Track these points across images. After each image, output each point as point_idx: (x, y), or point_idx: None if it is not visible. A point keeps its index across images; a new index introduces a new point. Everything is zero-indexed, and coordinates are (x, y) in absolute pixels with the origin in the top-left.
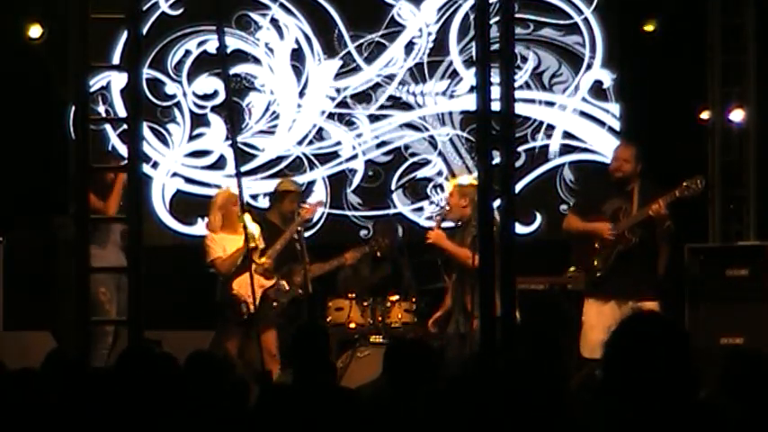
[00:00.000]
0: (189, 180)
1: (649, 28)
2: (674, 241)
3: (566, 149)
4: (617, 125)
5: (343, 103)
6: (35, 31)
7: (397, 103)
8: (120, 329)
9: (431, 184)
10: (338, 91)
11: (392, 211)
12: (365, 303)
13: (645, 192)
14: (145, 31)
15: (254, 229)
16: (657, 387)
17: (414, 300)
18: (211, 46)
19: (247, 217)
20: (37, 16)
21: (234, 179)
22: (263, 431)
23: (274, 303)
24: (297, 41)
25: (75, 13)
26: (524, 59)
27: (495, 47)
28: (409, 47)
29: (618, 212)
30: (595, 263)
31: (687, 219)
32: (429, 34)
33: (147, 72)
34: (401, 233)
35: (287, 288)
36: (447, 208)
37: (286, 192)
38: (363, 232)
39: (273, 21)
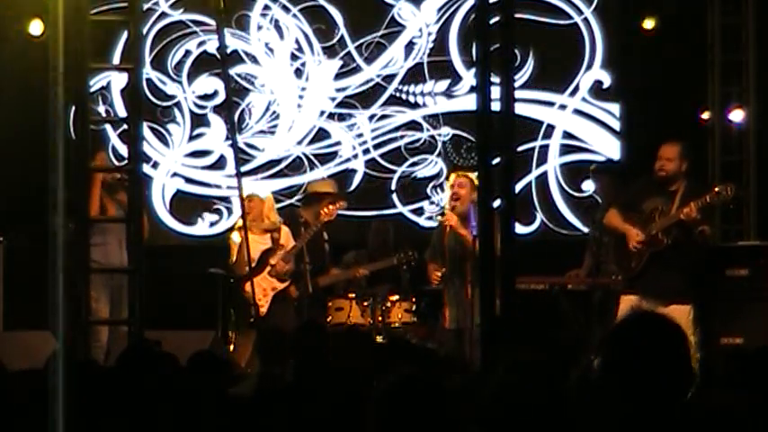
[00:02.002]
0: (189, 180)
1: (649, 28)
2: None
3: (566, 149)
4: (617, 125)
5: (343, 103)
6: (36, 27)
7: (397, 103)
8: (118, 329)
9: (431, 184)
10: (338, 91)
11: (392, 211)
12: (365, 303)
13: (688, 193)
14: (145, 30)
15: (285, 231)
16: (653, 385)
17: (414, 300)
18: (211, 46)
19: (278, 218)
20: (38, 12)
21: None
22: (263, 431)
23: (295, 303)
24: (297, 41)
25: (75, 12)
26: (525, 59)
27: (496, 47)
28: (409, 47)
29: (654, 213)
30: (631, 263)
31: None
32: (429, 34)
33: (147, 72)
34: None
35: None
36: (456, 200)
37: (325, 194)
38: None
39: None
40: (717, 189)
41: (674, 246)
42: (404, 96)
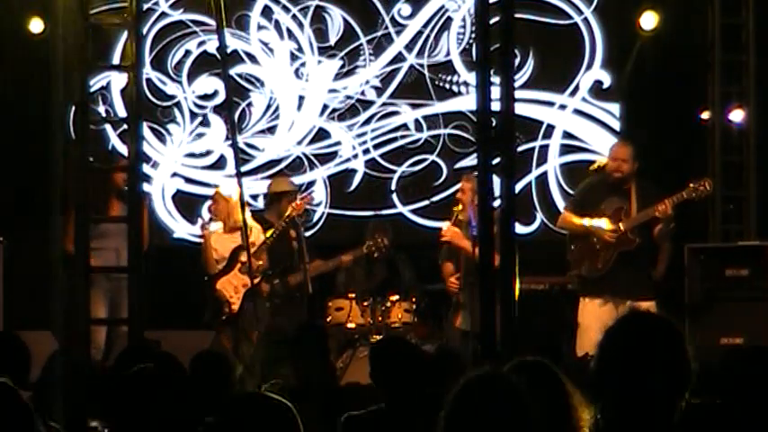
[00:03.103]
0: (189, 180)
1: (649, 28)
2: (673, 241)
3: (566, 149)
4: (617, 125)
5: (342, 104)
6: (36, 25)
7: (397, 102)
8: (117, 332)
9: (431, 184)
10: (338, 91)
11: (392, 210)
12: (365, 303)
13: (643, 191)
14: (145, 30)
15: (255, 230)
16: (651, 386)
17: (414, 300)
18: (211, 46)
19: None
20: (38, 10)
21: (233, 179)
22: (263, 431)
23: (267, 304)
24: (297, 41)
25: (75, 12)
26: (525, 59)
27: (496, 47)
28: (410, 47)
29: (619, 212)
30: (597, 263)
31: (687, 219)
32: (430, 34)
33: (146, 72)
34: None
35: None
36: (459, 206)
37: (283, 192)
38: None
39: (275, 21)
40: (692, 185)
41: (641, 244)
42: (404, 96)
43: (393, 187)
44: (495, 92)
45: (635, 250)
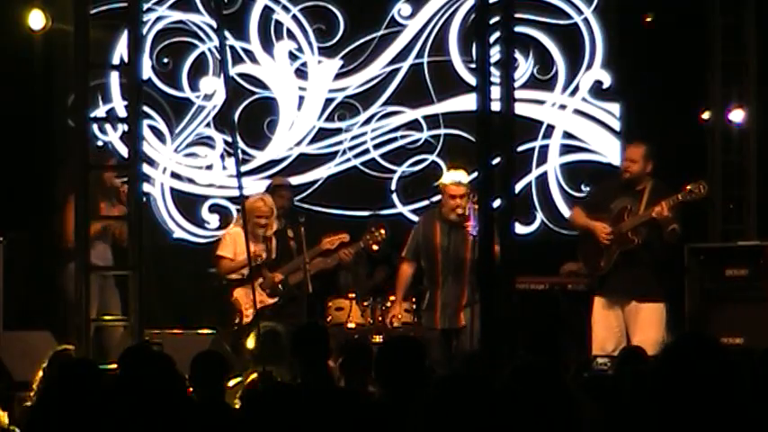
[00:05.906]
0: (189, 180)
1: (649, 27)
2: (679, 243)
3: (566, 149)
4: (617, 125)
5: (343, 103)
6: (36, 21)
7: (397, 102)
8: (110, 328)
9: (431, 184)
10: (338, 91)
11: (392, 210)
12: (365, 303)
13: (655, 192)
14: (145, 30)
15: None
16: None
17: (413, 300)
18: (211, 46)
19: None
20: (39, 5)
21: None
22: (264, 431)
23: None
24: (297, 41)
25: (76, 12)
26: (525, 59)
27: (496, 47)
28: (410, 47)
29: (623, 212)
30: (601, 262)
31: (687, 219)
32: (430, 34)
33: (147, 72)
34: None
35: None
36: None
37: (276, 186)
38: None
39: (275, 21)
40: (689, 187)
41: (644, 245)
42: (403, 96)
43: (393, 187)
44: (496, 92)
45: (638, 250)
